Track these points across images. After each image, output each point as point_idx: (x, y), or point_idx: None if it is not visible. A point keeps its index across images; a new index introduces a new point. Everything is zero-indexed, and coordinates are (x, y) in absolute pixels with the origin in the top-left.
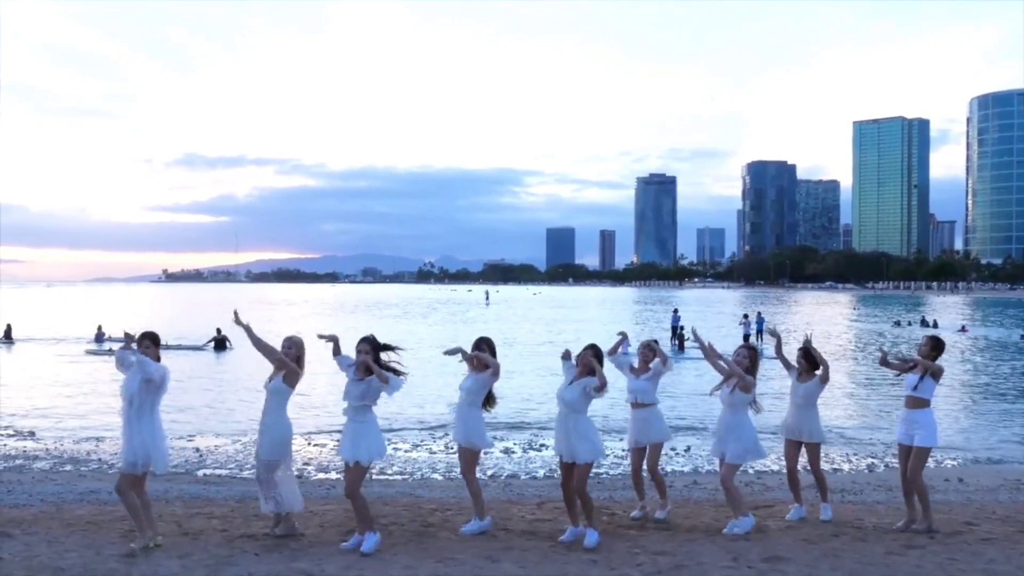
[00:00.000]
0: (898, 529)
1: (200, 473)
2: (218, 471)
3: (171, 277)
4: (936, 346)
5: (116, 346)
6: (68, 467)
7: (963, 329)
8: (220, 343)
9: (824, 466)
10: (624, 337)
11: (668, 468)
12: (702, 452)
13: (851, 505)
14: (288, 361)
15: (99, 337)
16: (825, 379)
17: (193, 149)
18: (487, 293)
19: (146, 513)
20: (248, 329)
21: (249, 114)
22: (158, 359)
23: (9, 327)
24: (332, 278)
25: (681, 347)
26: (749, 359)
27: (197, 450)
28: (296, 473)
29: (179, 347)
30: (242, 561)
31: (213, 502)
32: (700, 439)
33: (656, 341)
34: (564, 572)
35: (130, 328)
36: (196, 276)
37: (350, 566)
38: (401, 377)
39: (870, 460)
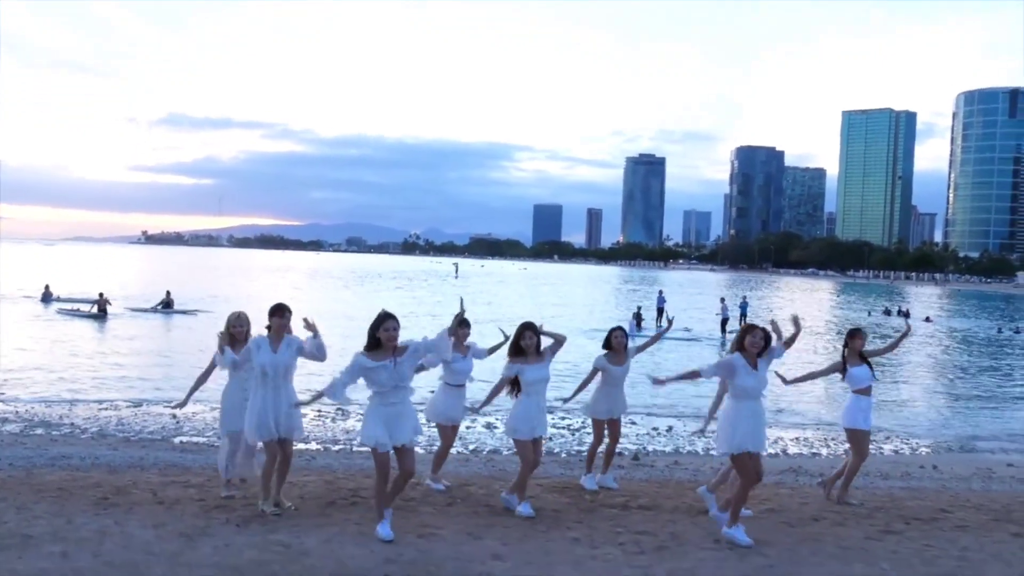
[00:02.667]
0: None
1: (177, 440)
2: (195, 439)
3: (151, 239)
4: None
5: (64, 306)
6: (39, 431)
7: (928, 319)
8: (167, 304)
9: (803, 450)
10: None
11: (649, 447)
12: (683, 433)
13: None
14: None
15: (46, 297)
16: None
17: (179, 109)
18: (456, 266)
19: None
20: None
21: (238, 76)
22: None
23: None
24: (316, 246)
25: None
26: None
27: (174, 416)
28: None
29: (137, 310)
30: (219, 532)
31: (190, 470)
32: (681, 420)
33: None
34: (546, 550)
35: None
36: (177, 239)
37: (330, 539)
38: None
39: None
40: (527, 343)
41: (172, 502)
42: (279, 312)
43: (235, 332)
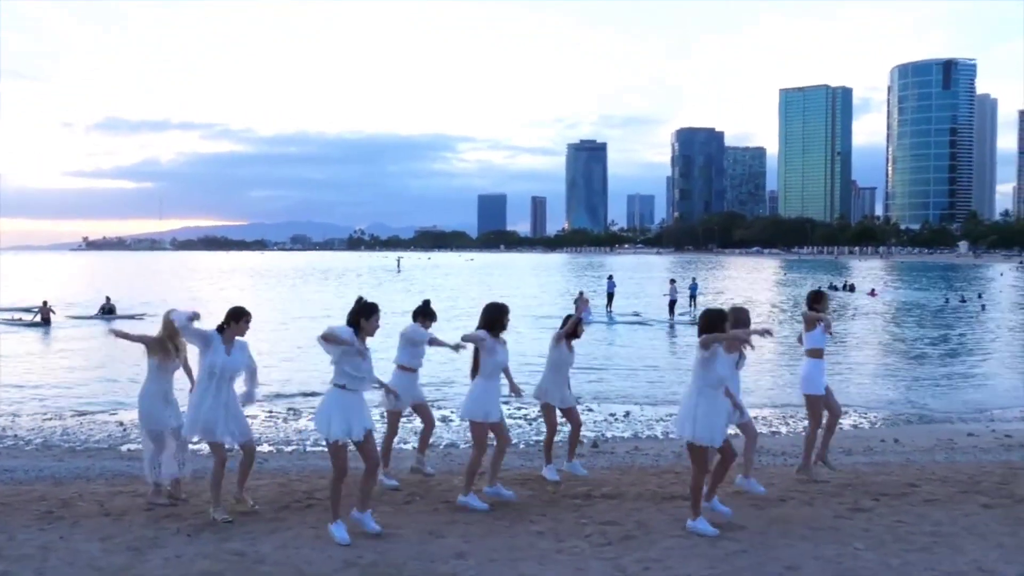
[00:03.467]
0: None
1: (124, 448)
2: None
3: (92, 245)
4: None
5: (4, 316)
6: None
7: (872, 292)
8: (110, 311)
9: (762, 429)
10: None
11: (608, 434)
12: (641, 418)
13: (791, 468)
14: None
15: None
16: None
17: (115, 112)
18: (399, 260)
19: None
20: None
21: (175, 77)
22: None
23: None
24: (261, 246)
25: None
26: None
27: (120, 424)
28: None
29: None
30: (170, 542)
31: (138, 479)
32: (638, 405)
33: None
34: (511, 545)
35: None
36: (119, 244)
37: (285, 544)
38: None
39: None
40: (504, 324)
41: (119, 513)
42: (243, 316)
43: (170, 332)
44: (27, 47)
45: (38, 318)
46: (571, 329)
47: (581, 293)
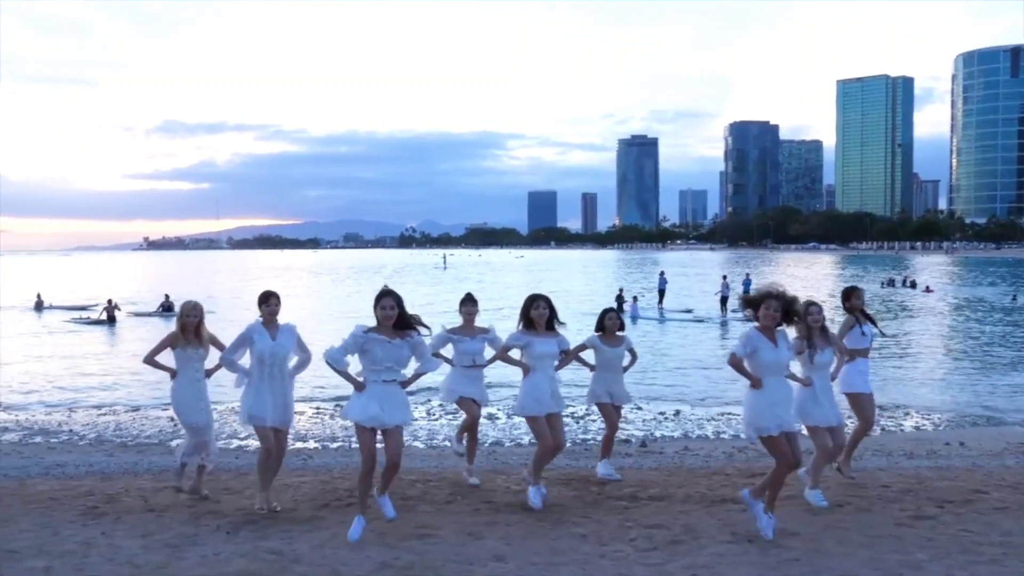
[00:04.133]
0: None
1: (173, 443)
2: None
3: (152, 245)
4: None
5: (75, 315)
6: (38, 439)
7: (928, 289)
8: (169, 308)
9: None
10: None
11: (657, 433)
12: (692, 417)
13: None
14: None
15: (38, 306)
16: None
17: (173, 116)
18: (444, 257)
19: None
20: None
21: (229, 80)
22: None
23: None
24: (314, 244)
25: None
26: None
27: (171, 419)
28: None
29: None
30: (208, 540)
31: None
32: (689, 404)
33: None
34: (552, 548)
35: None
36: (178, 244)
37: (323, 544)
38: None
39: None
40: (538, 314)
41: (162, 509)
42: (266, 299)
43: (187, 322)
44: (88, 56)
45: (104, 316)
46: (573, 356)
47: (621, 291)
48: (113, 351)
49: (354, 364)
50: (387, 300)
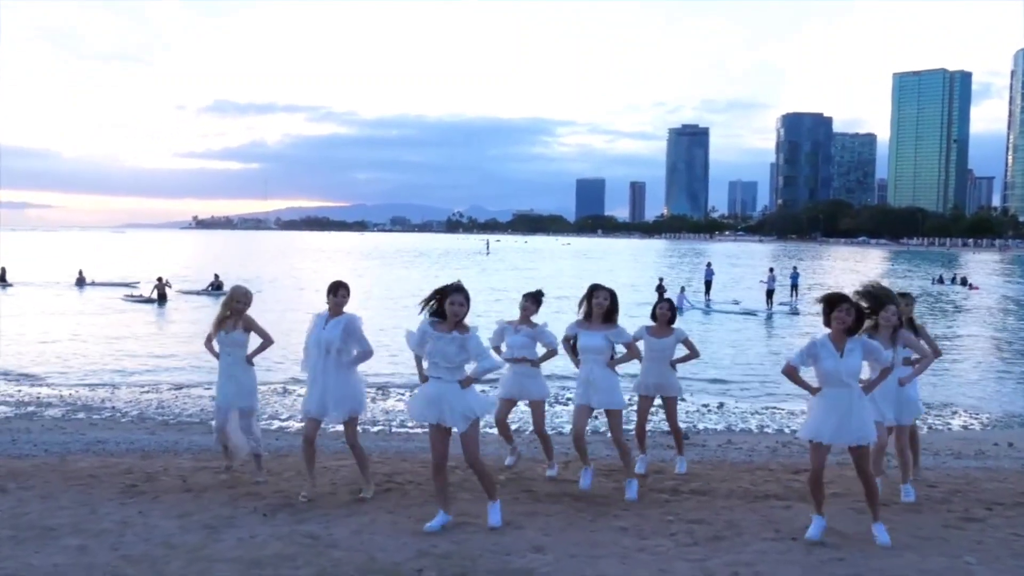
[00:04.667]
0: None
1: (213, 423)
2: None
3: (201, 224)
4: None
5: (130, 292)
6: (80, 415)
7: (972, 286)
8: (218, 287)
9: None
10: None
11: (700, 426)
12: (736, 410)
13: (898, 471)
14: None
15: (80, 282)
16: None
17: (224, 96)
18: (487, 243)
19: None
20: None
21: (280, 61)
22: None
23: (3, 270)
24: (361, 227)
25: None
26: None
27: (213, 398)
28: None
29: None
30: (245, 522)
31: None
32: (733, 397)
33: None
34: (592, 541)
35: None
36: (226, 223)
37: (360, 530)
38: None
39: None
40: (597, 303)
41: (201, 489)
42: (332, 290)
43: (236, 307)
44: (142, 35)
45: (155, 294)
46: (634, 351)
47: (661, 280)
48: (161, 330)
49: None
50: (457, 296)
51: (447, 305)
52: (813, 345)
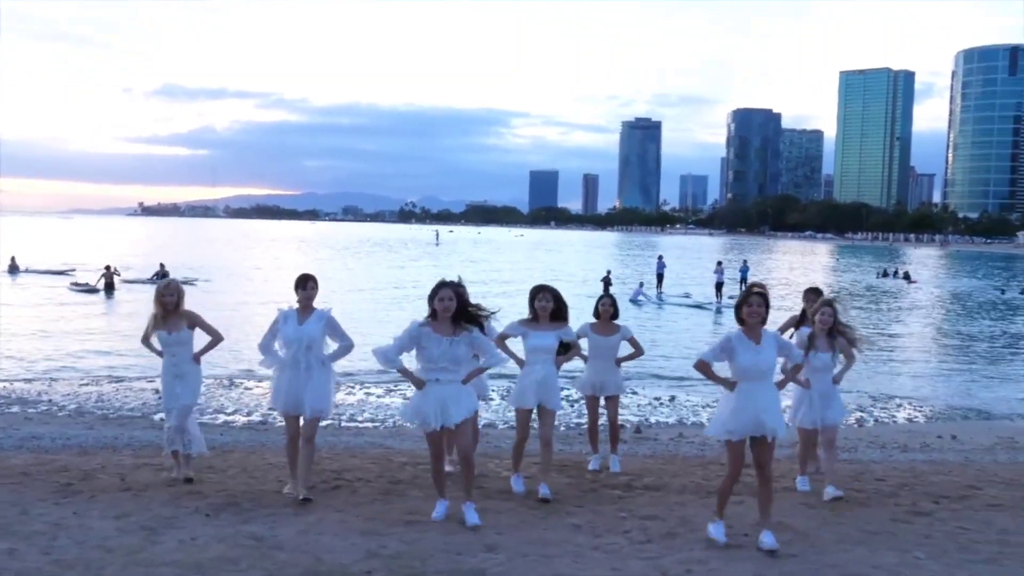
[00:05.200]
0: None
1: (157, 417)
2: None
3: (147, 210)
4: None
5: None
6: (14, 408)
7: (910, 280)
8: (164, 276)
9: None
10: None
11: (652, 419)
12: (687, 403)
13: (846, 464)
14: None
15: (12, 269)
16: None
17: (173, 80)
18: (437, 233)
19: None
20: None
21: (231, 46)
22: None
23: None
24: (312, 215)
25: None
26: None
27: (156, 391)
28: (260, 419)
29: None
30: (187, 523)
31: (165, 451)
32: (684, 390)
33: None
34: (545, 539)
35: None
36: (173, 210)
37: (307, 530)
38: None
39: (858, 414)
40: (541, 306)
41: (140, 488)
42: (301, 283)
43: (165, 301)
44: (89, 13)
45: (102, 283)
46: (575, 350)
47: (608, 273)
48: (105, 320)
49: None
50: (445, 291)
51: (436, 302)
52: (728, 340)
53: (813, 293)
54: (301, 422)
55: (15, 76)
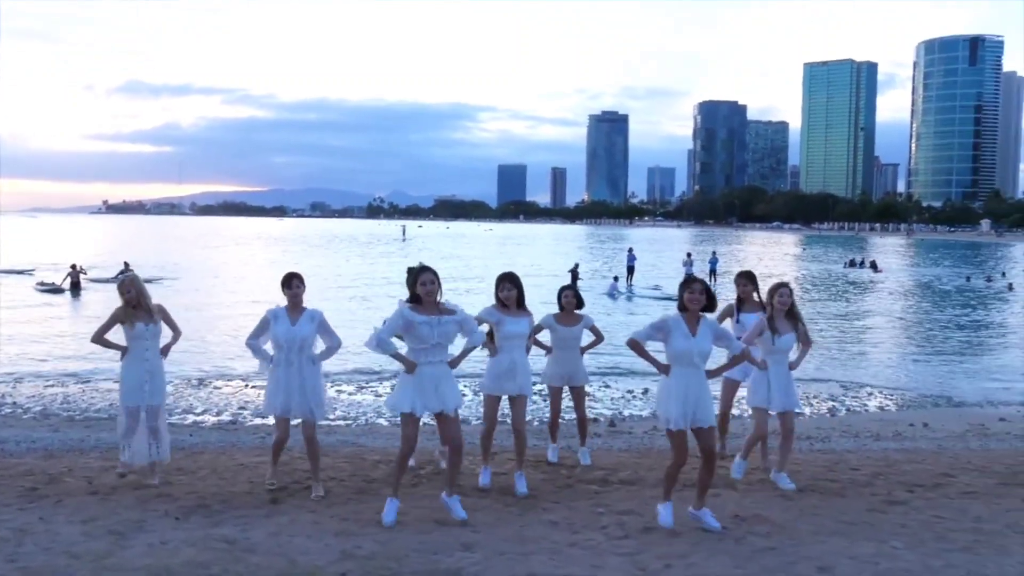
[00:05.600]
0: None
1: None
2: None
3: (112, 208)
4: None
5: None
6: None
7: (877, 269)
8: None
9: None
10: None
11: (625, 412)
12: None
13: (820, 454)
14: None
15: None
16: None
17: (137, 76)
18: (403, 228)
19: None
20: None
21: (196, 42)
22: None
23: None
24: (280, 212)
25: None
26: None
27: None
28: (230, 419)
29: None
30: (156, 526)
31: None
32: (657, 382)
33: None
34: (521, 536)
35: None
36: (138, 208)
37: (279, 531)
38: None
39: (831, 403)
40: (504, 295)
41: (107, 492)
42: (286, 282)
43: (126, 299)
44: (50, 9)
45: (67, 283)
46: (532, 340)
47: (576, 266)
48: (71, 320)
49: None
50: (426, 275)
51: (418, 287)
52: (664, 321)
53: (745, 278)
54: (293, 423)
55: None
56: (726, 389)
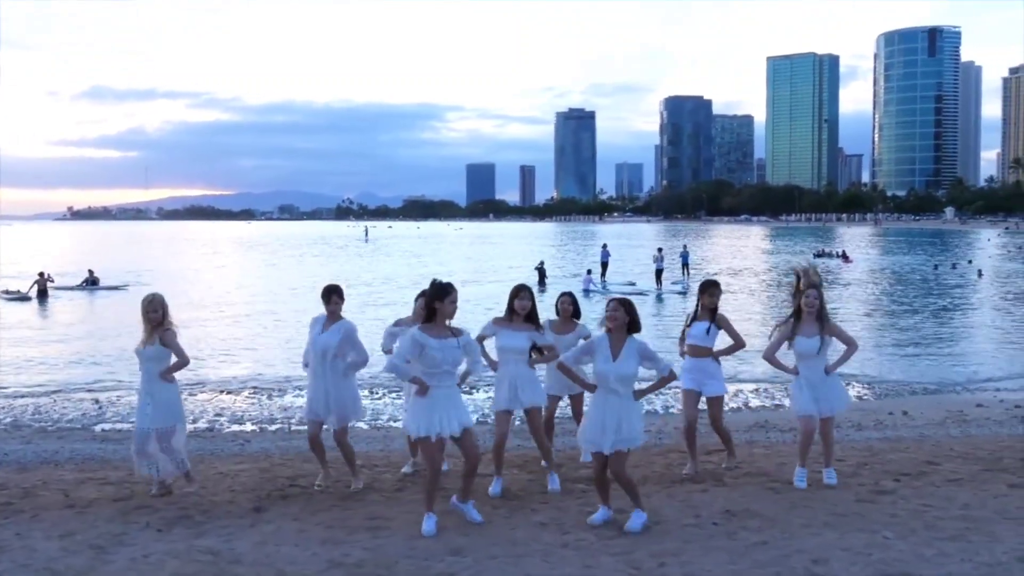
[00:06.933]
0: (686, 475)
1: (98, 428)
2: (119, 425)
3: (77, 215)
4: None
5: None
6: None
7: (846, 258)
8: (93, 282)
9: (765, 403)
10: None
11: None
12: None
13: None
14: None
15: None
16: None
17: (101, 81)
18: (366, 229)
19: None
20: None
21: (160, 46)
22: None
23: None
24: (248, 215)
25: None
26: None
27: (96, 402)
28: (207, 426)
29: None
30: (137, 539)
31: (109, 463)
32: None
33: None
34: (512, 539)
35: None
36: (104, 213)
37: (265, 541)
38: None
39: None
40: (520, 304)
41: (85, 504)
42: (327, 297)
43: (151, 317)
44: (11, 14)
45: (34, 291)
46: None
47: (542, 263)
48: (39, 328)
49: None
50: (455, 294)
51: (447, 305)
52: (591, 343)
53: (712, 286)
54: (325, 425)
55: None
56: (688, 401)
